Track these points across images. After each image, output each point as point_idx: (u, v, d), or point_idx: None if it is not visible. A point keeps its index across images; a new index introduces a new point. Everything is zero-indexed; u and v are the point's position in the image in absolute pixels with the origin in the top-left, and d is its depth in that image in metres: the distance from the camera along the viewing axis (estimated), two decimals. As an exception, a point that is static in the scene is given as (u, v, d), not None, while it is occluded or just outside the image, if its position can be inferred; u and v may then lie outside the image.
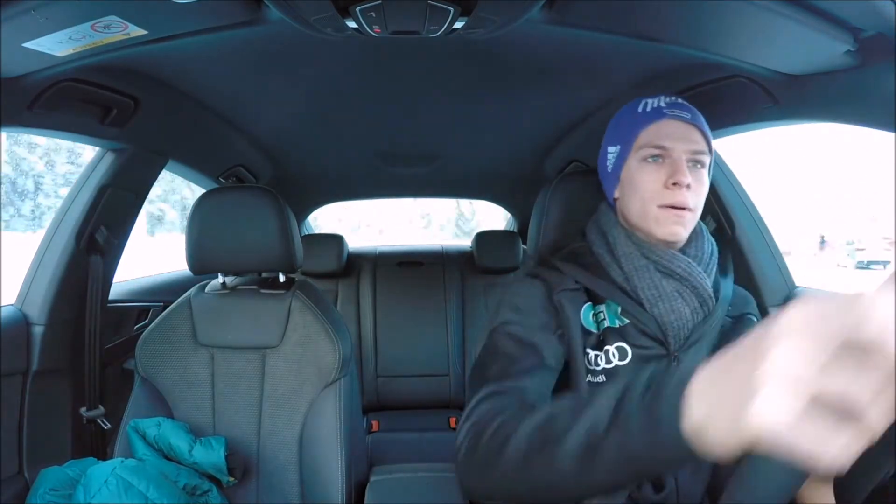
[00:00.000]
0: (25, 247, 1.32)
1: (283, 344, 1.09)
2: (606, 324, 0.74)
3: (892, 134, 0.78)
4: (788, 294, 1.25)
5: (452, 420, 1.94)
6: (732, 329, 0.78)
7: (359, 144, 1.69)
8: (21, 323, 1.17)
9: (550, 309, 0.75)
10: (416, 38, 0.85)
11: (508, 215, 2.67)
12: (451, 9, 0.75)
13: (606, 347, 0.73)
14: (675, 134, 0.74)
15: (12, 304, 1.21)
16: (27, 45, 0.76)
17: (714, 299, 0.75)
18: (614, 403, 0.42)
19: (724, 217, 1.26)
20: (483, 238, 2.15)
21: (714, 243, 0.81)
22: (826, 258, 12.66)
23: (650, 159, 0.75)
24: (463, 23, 0.80)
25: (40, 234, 1.25)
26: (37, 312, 1.18)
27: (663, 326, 0.73)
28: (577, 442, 0.44)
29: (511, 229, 2.62)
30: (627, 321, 0.74)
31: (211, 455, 0.98)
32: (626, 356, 0.73)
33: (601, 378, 0.73)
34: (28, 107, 0.91)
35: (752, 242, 1.25)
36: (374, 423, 1.92)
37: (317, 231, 2.64)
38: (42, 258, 1.21)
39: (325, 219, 3.02)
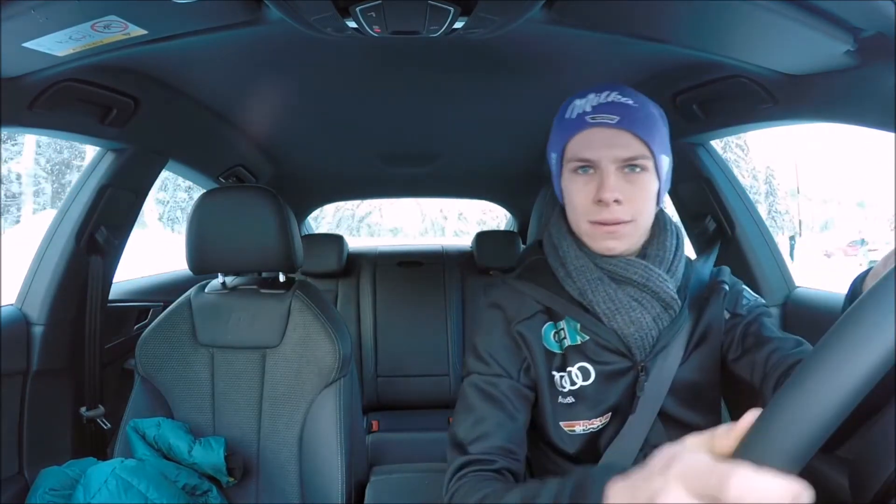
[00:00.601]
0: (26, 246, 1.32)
1: (283, 344, 1.09)
2: (567, 342, 0.72)
3: (892, 134, 0.78)
4: (788, 294, 1.25)
5: (452, 420, 1.94)
6: (706, 303, 0.76)
7: (359, 144, 1.69)
8: (21, 323, 1.17)
9: (512, 342, 0.73)
10: (416, 38, 0.85)
11: (502, 216, 2.67)
12: (451, 9, 0.75)
13: (569, 369, 0.72)
14: (601, 143, 0.68)
15: (12, 304, 1.21)
16: (27, 45, 0.76)
17: (679, 301, 0.72)
18: None
19: (724, 217, 1.27)
20: (483, 238, 2.15)
21: (679, 236, 0.77)
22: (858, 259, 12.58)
23: (579, 171, 0.70)
24: (463, 23, 0.80)
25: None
26: (37, 312, 1.18)
27: (624, 339, 0.70)
28: None
29: (511, 229, 2.62)
30: (588, 337, 0.72)
31: (210, 455, 0.98)
32: (589, 376, 0.71)
33: (570, 399, 0.72)
34: (28, 107, 0.91)
35: (752, 242, 1.25)
36: (374, 423, 1.92)
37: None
38: (42, 258, 1.21)
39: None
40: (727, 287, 0.78)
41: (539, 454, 0.79)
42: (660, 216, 0.77)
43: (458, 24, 0.81)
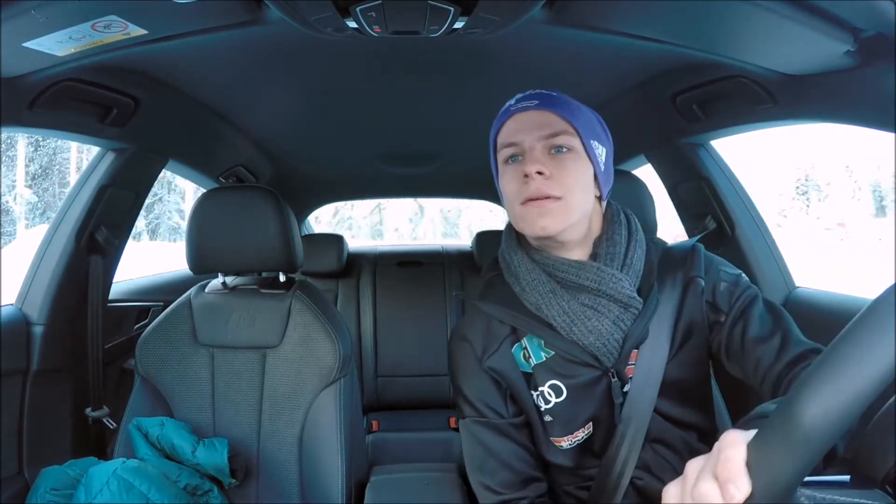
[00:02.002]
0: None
1: (284, 344, 1.09)
2: (533, 361, 0.72)
3: (892, 134, 0.78)
4: (788, 294, 1.25)
5: (452, 420, 1.94)
6: (682, 302, 0.73)
7: (359, 144, 1.69)
8: (21, 323, 1.17)
9: (489, 379, 0.74)
10: (416, 38, 0.85)
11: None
12: (452, 9, 0.75)
13: (540, 388, 0.72)
14: (523, 126, 0.70)
15: (12, 304, 1.21)
16: (27, 44, 0.76)
17: (639, 299, 0.69)
18: None
19: (724, 217, 1.27)
20: (483, 238, 2.15)
21: (631, 223, 0.75)
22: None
23: (510, 161, 0.71)
24: (463, 23, 0.80)
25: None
26: (37, 312, 1.18)
27: (586, 349, 0.69)
28: None
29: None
30: (553, 353, 0.71)
31: (214, 457, 0.98)
32: (561, 393, 0.71)
33: (549, 417, 0.73)
34: (28, 106, 0.91)
35: (752, 242, 1.25)
36: (374, 423, 1.92)
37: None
38: (42, 258, 1.21)
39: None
40: (703, 282, 0.74)
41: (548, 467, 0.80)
42: (609, 208, 0.76)
43: (458, 24, 0.81)
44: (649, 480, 0.73)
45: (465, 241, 2.40)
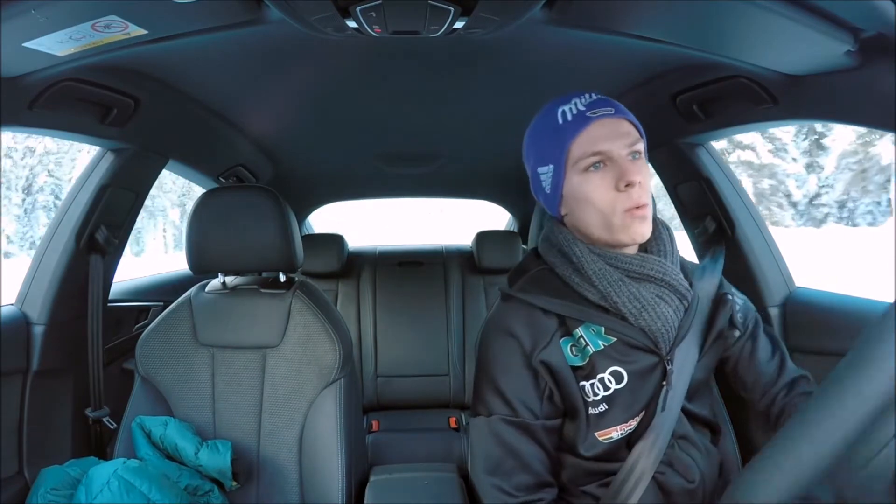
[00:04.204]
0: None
1: (284, 344, 1.09)
2: (591, 349, 0.72)
3: (892, 134, 0.78)
4: (788, 294, 1.25)
5: (452, 420, 1.94)
6: (715, 313, 0.78)
7: (359, 144, 1.69)
8: (21, 323, 1.17)
9: (531, 375, 0.73)
10: (416, 38, 0.85)
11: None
12: (452, 9, 0.75)
13: (600, 375, 0.72)
14: (609, 134, 0.70)
15: (12, 304, 1.21)
16: (27, 44, 0.76)
17: (690, 291, 0.75)
18: None
19: (724, 217, 1.26)
20: (483, 238, 2.15)
21: (669, 228, 0.79)
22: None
23: (592, 168, 0.71)
24: (463, 23, 0.80)
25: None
26: (37, 312, 1.18)
27: (652, 335, 0.72)
28: None
29: (511, 229, 2.62)
30: (614, 339, 0.72)
31: (217, 459, 0.98)
32: (622, 379, 0.72)
33: (603, 407, 0.73)
34: (28, 106, 0.91)
35: (752, 242, 1.25)
36: (374, 423, 1.92)
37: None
38: (42, 258, 1.21)
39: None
40: (733, 300, 0.81)
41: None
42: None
43: (458, 24, 0.81)
44: (671, 475, 0.74)
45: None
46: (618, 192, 0.70)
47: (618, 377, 0.72)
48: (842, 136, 15.29)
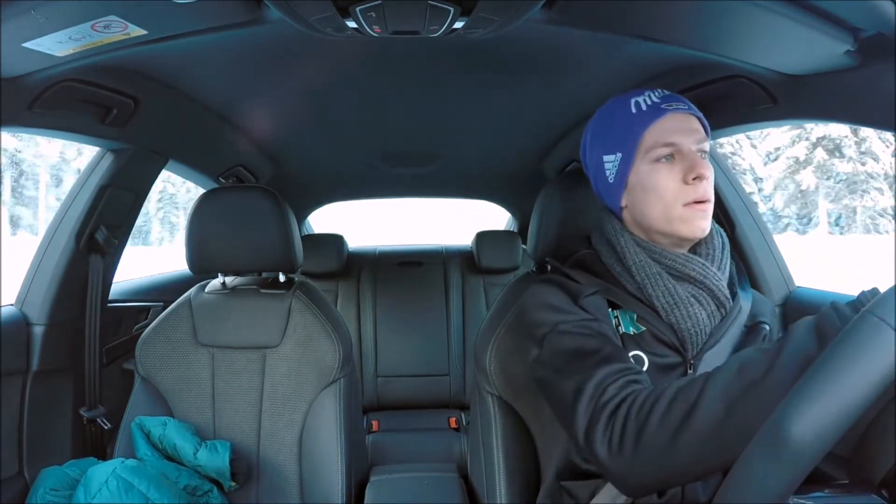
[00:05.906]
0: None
1: (284, 344, 1.09)
2: (622, 330, 0.73)
3: (892, 134, 0.78)
4: (788, 294, 1.25)
5: (452, 420, 1.94)
6: (746, 338, 0.76)
7: (359, 144, 1.69)
8: (21, 323, 1.17)
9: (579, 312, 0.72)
10: (416, 39, 0.85)
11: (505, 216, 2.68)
12: (452, 9, 0.75)
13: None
14: (681, 128, 0.72)
15: (12, 304, 1.21)
16: (27, 45, 0.76)
17: (730, 300, 0.73)
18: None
19: (724, 217, 1.26)
20: (483, 238, 2.15)
21: (725, 237, 0.79)
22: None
23: (663, 160, 0.71)
24: (463, 23, 0.80)
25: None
26: (37, 312, 1.18)
27: (680, 333, 0.71)
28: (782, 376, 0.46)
29: (511, 229, 2.62)
30: (644, 329, 0.73)
31: (216, 459, 0.98)
32: (643, 365, 0.71)
33: None
34: (28, 107, 0.91)
35: (752, 242, 1.25)
36: (374, 423, 1.92)
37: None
38: (42, 258, 1.21)
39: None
40: (767, 328, 0.79)
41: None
42: None
43: (458, 24, 0.81)
44: None
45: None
46: (685, 184, 0.70)
47: (639, 362, 0.71)
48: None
